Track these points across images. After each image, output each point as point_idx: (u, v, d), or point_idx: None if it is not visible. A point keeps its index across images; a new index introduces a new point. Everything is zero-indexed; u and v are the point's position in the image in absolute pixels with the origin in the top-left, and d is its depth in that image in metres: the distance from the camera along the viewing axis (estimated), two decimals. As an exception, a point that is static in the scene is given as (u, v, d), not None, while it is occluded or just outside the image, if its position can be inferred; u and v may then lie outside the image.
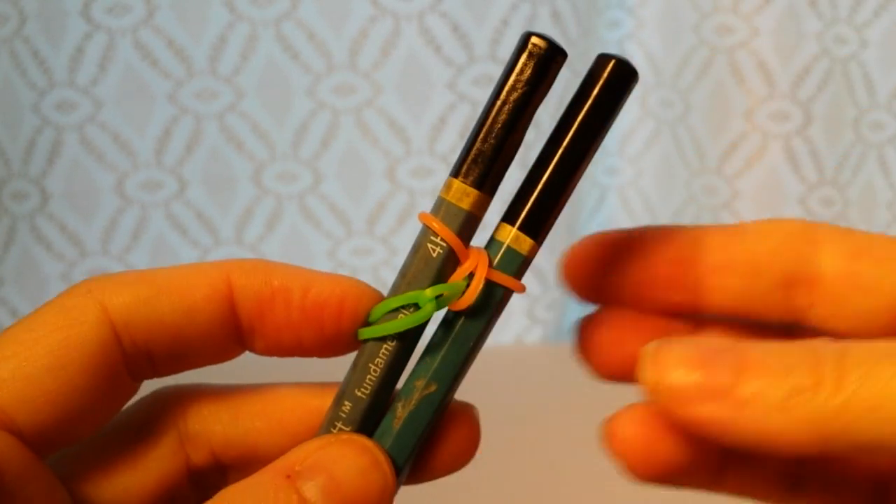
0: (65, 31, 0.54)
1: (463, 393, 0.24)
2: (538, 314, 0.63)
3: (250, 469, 0.23)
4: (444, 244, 0.23)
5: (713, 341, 0.22)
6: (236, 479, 0.22)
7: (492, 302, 0.23)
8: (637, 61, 0.62)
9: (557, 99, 0.39)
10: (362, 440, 0.22)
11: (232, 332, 0.23)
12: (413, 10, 0.56)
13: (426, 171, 0.60)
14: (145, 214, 0.59)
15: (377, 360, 0.23)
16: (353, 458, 0.22)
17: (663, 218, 0.65)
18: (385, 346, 0.23)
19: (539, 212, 0.23)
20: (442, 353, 0.23)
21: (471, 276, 0.22)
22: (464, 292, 0.22)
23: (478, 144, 0.23)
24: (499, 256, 0.23)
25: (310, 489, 0.21)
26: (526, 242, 0.23)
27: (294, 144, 0.58)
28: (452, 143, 0.59)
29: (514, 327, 0.63)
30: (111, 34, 0.55)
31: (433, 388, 0.23)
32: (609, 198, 0.65)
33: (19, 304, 0.59)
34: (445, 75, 0.58)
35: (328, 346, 0.23)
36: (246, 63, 0.56)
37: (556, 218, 0.23)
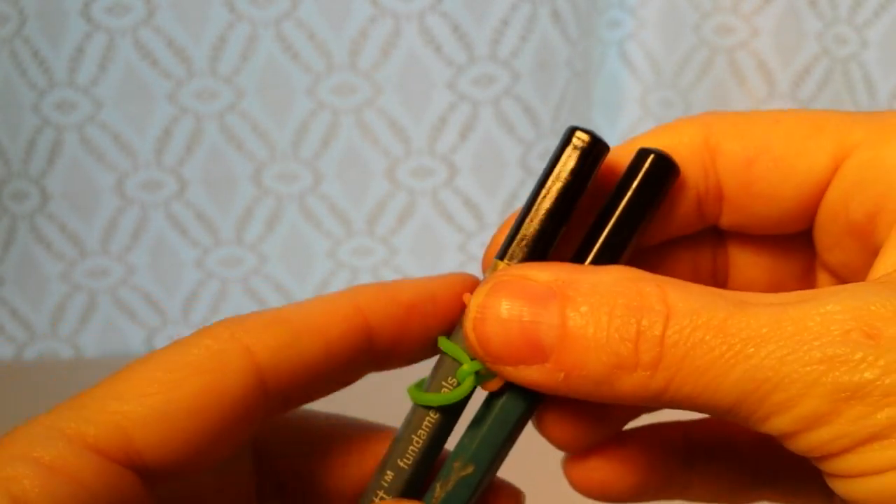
0: (65, 30, 0.54)
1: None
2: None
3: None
4: None
5: (541, 278, 0.21)
6: None
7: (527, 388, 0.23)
8: (637, 61, 0.62)
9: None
10: None
11: (368, 359, 0.23)
12: (413, 9, 0.56)
13: (426, 171, 0.59)
14: (145, 214, 0.59)
15: (420, 431, 0.23)
16: None
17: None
18: (428, 417, 0.23)
19: None
20: (481, 434, 0.23)
21: None
22: None
23: (522, 230, 0.23)
24: None
25: None
26: None
27: (294, 144, 0.58)
28: (452, 142, 0.59)
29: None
30: (111, 34, 0.55)
31: (470, 469, 0.23)
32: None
33: (19, 304, 0.59)
34: (445, 75, 0.58)
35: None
36: (246, 63, 0.56)
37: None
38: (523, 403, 0.23)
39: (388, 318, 0.23)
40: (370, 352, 0.23)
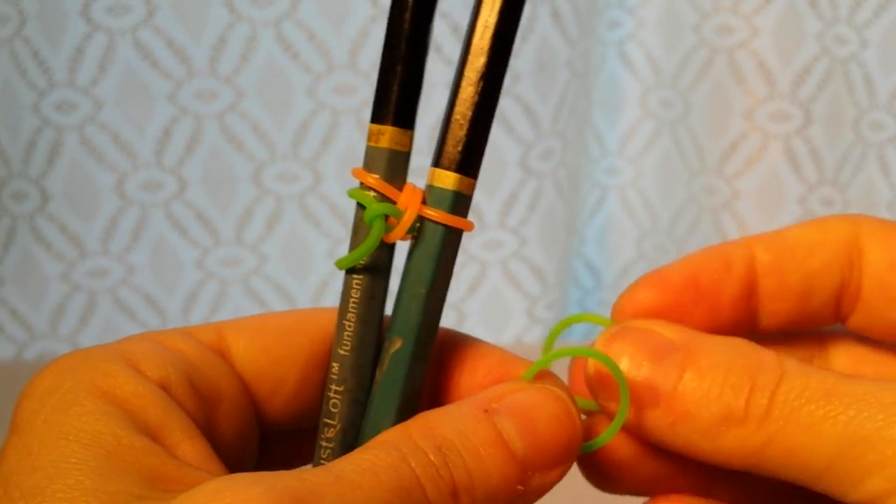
0: (65, 31, 0.54)
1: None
2: (538, 314, 0.63)
3: None
4: (375, 191, 0.23)
5: (666, 334, 0.23)
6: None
7: (433, 240, 0.23)
8: (637, 61, 0.62)
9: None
10: (556, 390, 0.23)
11: None
12: (413, 10, 0.56)
13: (425, 171, 0.59)
14: (145, 214, 0.59)
15: (349, 314, 0.23)
16: (548, 404, 0.22)
17: (663, 218, 0.65)
18: (353, 290, 0.23)
19: (459, 146, 0.23)
20: (401, 306, 0.23)
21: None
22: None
23: (380, 82, 0.23)
24: (431, 196, 0.23)
25: (507, 426, 0.21)
26: (451, 177, 0.23)
27: (294, 144, 0.58)
28: (452, 143, 0.59)
29: (513, 327, 0.63)
30: (111, 34, 0.55)
31: (398, 344, 0.22)
32: (609, 198, 0.65)
33: (19, 304, 0.59)
34: (444, 75, 0.57)
35: None
36: (246, 63, 0.56)
37: (479, 148, 0.23)
38: (430, 265, 0.22)
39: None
40: None
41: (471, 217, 0.24)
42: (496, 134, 0.59)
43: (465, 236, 0.24)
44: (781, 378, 0.21)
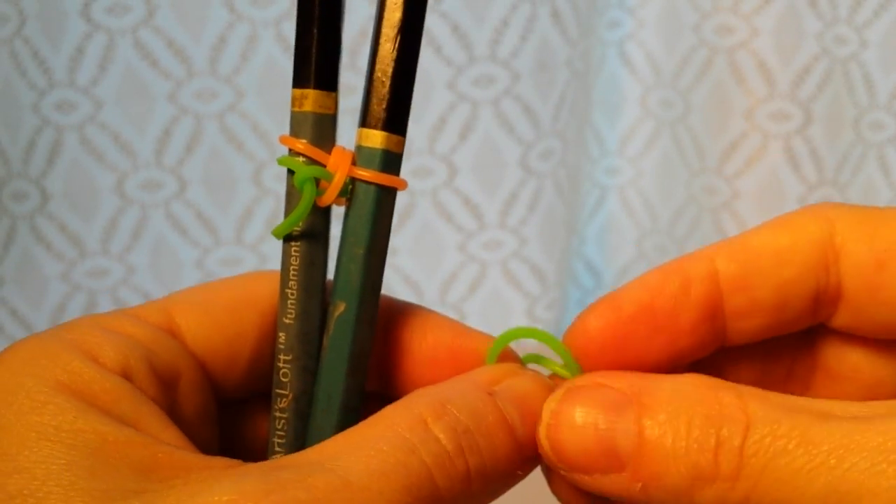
0: (65, 31, 0.54)
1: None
2: (538, 314, 0.63)
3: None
4: (304, 156, 0.23)
5: (616, 385, 0.21)
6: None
7: (367, 200, 0.23)
8: (637, 61, 0.62)
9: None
10: (547, 379, 0.23)
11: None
12: (413, 10, 0.56)
13: (426, 172, 0.60)
14: (145, 214, 0.59)
15: (290, 282, 0.23)
16: (542, 393, 0.22)
17: (664, 218, 0.65)
18: (292, 259, 0.23)
19: (384, 104, 0.23)
20: (341, 269, 0.23)
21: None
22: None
23: (298, 47, 0.23)
24: (361, 157, 0.23)
25: (511, 411, 0.21)
26: (379, 136, 0.23)
27: (294, 144, 0.59)
28: (452, 143, 0.59)
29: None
30: (111, 34, 0.55)
31: (342, 307, 0.22)
32: (609, 198, 0.65)
33: (19, 304, 0.59)
34: (445, 75, 0.58)
35: None
36: (246, 63, 0.56)
37: (404, 104, 0.23)
38: (367, 227, 0.22)
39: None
40: None
41: (471, 216, 0.24)
42: (496, 134, 0.59)
43: (466, 235, 0.24)
44: (748, 427, 0.19)
